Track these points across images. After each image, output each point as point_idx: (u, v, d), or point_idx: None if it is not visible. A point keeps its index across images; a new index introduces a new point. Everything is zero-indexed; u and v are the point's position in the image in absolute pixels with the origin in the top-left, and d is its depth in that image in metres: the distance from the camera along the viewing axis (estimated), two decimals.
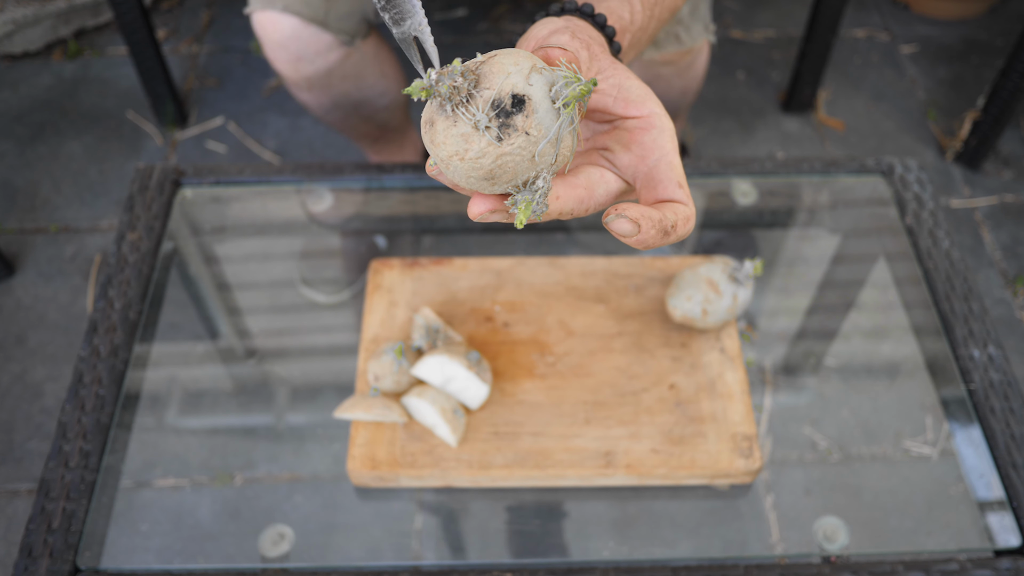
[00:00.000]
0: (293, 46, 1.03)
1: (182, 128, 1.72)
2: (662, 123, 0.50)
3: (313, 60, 1.04)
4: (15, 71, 1.83)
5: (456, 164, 0.43)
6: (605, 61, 0.51)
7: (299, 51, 1.03)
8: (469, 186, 0.45)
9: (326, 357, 0.95)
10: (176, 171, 0.97)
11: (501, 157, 0.42)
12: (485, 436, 0.78)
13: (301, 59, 1.04)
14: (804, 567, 0.71)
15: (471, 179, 0.43)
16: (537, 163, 0.43)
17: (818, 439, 0.87)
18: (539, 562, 0.74)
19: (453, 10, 1.96)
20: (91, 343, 0.82)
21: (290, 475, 0.84)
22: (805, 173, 0.99)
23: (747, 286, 0.82)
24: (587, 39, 0.51)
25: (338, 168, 0.98)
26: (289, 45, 1.03)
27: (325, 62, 1.05)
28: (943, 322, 0.86)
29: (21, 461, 1.27)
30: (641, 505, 0.80)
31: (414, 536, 0.79)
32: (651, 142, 0.50)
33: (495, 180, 0.43)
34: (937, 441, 0.87)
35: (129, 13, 1.50)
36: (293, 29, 1.01)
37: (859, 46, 1.89)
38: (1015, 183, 1.65)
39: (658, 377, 0.82)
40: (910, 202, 0.95)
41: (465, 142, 0.42)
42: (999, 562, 0.71)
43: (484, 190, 0.45)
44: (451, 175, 0.44)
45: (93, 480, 0.75)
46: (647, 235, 0.48)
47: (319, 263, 1.06)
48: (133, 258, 0.89)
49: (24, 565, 0.70)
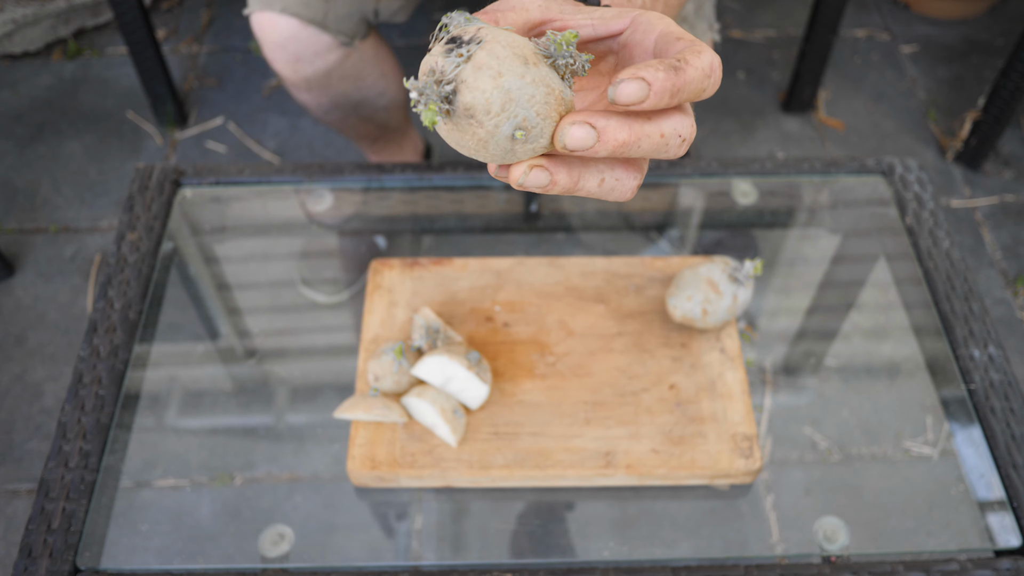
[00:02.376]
0: (292, 47, 1.03)
1: (182, 128, 1.72)
2: (647, 18, 0.45)
3: (312, 61, 1.05)
4: (15, 71, 1.83)
5: (485, 152, 0.39)
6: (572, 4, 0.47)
7: (298, 52, 1.03)
8: (514, 157, 0.40)
9: (326, 357, 0.95)
10: (176, 171, 0.97)
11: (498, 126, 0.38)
12: (485, 436, 0.78)
13: (300, 60, 1.04)
14: (804, 567, 0.71)
15: (506, 152, 0.39)
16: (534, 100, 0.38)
17: (818, 439, 0.87)
18: (539, 562, 0.74)
19: (453, 10, 1.96)
20: (91, 343, 0.82)
21: (290, 475, 0.84)
22: (805, 173, 0.99)
23: (747, 286, 0.82)
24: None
25: (338, 168, 0.98)
26: (288, 46, 1.03)
27: (324, 63, 1.05)
28: (943, 322, 0.86)
29: (21, 461, 1.27)
30: (641, 505, 0.80)
31: (414, 536, 0.79)
32: (641, 35, 0.45)
33: (524, 138, 0.39)
34: (937, 441, 0.87)
35: (129, 13, 1.50)
36: (292, 30, 1.01)
37: (859, 46, 1.89)
38: (1015, 183, 1.65)
39: (658, 377, 0.82)
40: (910, 202, 0.95)
41: (471, 136, 0.39)
42: (999, 562, 0.71)
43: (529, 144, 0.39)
44: (495, 160, 0.40)
45: (93, 480, 0.75)
46: (658, 85, 0.39)
47: (319, 263, 1.06)
48: (133, 258, 0.89)
49: (24, 565, 0.70)
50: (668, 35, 0.43)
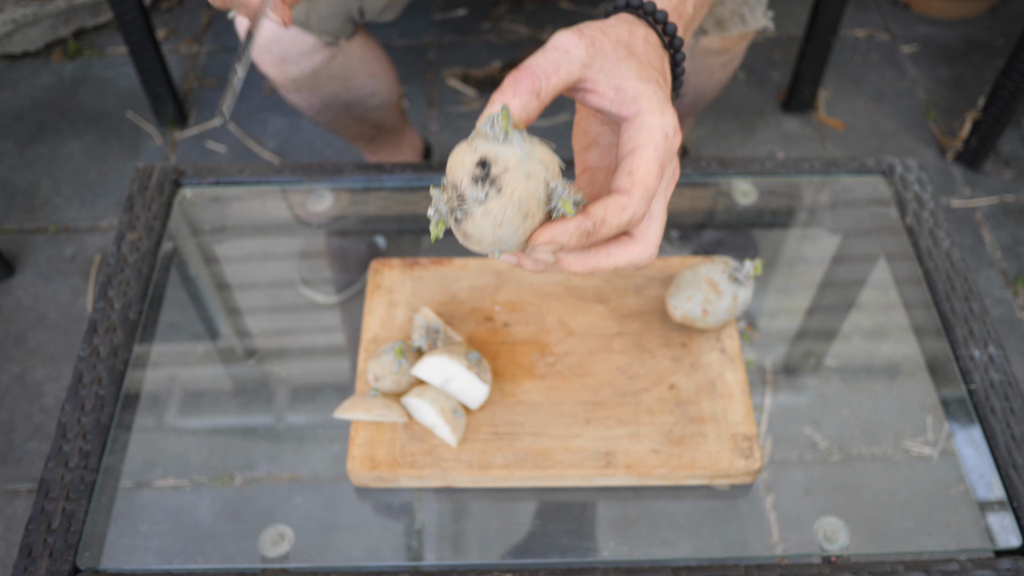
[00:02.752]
0: (276, 48, 1.02)
1: (182, 128, 1.72)
2: (644, 120, 0.50)
3: (297, 62, 1.04)
4: (15, 71, 1.83)
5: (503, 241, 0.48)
6: (610, 59, 0.52)
7: (282, 53, 1.03)
8: (521, 240, 0.49)
9: (326, 357, 0.95)
10: (176, 171, 0.97)
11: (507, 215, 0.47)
12: (485, 436, 0.78)
13: (285, 61, 1.04)
14: (804, 567, 0.71)
15: (516, 238, 0.48)
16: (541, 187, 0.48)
17: (818, 439, 0.87)
18: (539, 562, 0.74)
19: (453, 10, 1.96)
20: (91, 343, 0.82)
21: (290, 475, 0.84)
22: (805, 173, 0.99)
23: (747, 286, 0.82)
24: (597, 35, 0.52)
25: (338, 168, 0.98)
26: (272, 48, 1.02)
27: (310, 63, 1.04)
28: (943, 322, 0.86)
29: (21, 461, 1.27)
30: (641, 505, 0.80)
31: (414, 536, 0.79)
32: (628, 138, 0.50)
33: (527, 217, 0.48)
34: (937, 441, 0.87)
35: (129, 13, 1.50)
36: (274, 31, 1.00)
37: (859, 46, 1.89)
38: (1015, 183, 1.65)
39: (658, 377, 0.82)
40: (910, 202, 0.95)
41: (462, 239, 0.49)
42: (999, 562, 0.71)
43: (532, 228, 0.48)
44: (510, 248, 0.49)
45: (93, 480, 0.75)
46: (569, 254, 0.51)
47: (319, 263, 1.06)
48: (133, 258, 0.89)
49: (24, 565, 0.70)
50: (625, 165, 0.50)
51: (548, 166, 0.48)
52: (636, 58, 0.54)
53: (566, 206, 0.48)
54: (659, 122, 0.50)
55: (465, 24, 1.94)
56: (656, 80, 0.53)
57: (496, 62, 1.85)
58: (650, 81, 0.52)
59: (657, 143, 0.50)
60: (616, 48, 0.53)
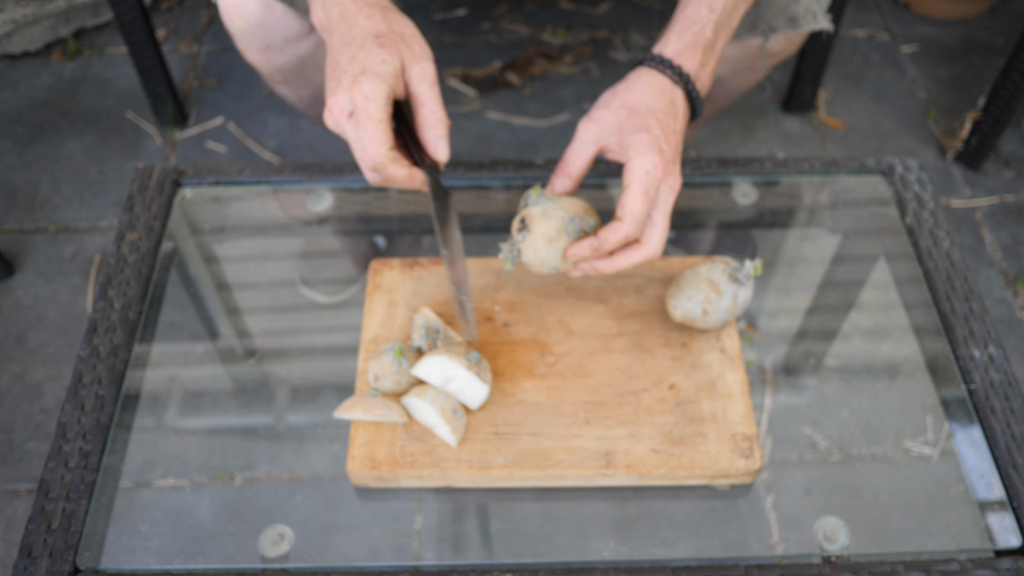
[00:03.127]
0: (260, 34, 1.00)
1: (182, 128, 1.72)
2: (631, 164, 0.73)
3: (283, 48, 1.02)
4: (15, 71, 1.83)
5: (544, 261, 0.77)
6: (613, 127, 0.75)
7: (267, 39, 1.00)
8: (557, 257, 0.77)
9: (326, 357, 0.95)
10: (176, 171, 0.97)
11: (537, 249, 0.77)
12: (485, 436, 0.78)
13: (270, 47, 1.01)
14: (804, 567, 0.71)
15: (552, 256, 0.77)
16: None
17: (818, 439, 0.87)
18: (539, 562, 0.74)
19: (453, 10, 1.96)
20: (91, 343, 0.82)
21: (290, 475, 0.84)
22: (805, 173, 0.99)
23: (747, 286, 0.82)
24: (602, 114, 0.75)
25: (338, 168, 0.98)
26: (256, 32, 1.00)
27: (296, 51, 1.03)
28: (943, 322, 0.86)
29: (21, 461, 1.27)
30: (641, 505, 0.80)
31: (414, 536, 0.79)
32: (624, 177, 0.74)
33: (551, 242, 0.76)
34: (937, 441, 0.87)
35: (129, 13, 1.50)
36: (257, 14, 0.98)
37: (859, 46, 1.89)
38: (1015, 183, 1.65)
39: (658, 377, 0.82)
40: (910, 202, 0.95)
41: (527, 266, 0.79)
42: (999, 562, 0.71)
43: (561, 248, 0.77)
44: (554, 263, 0.77)
45: (93, 480, 0.75)
46: (598, 263, 0.76)
47: (319, 263, 1.06)
48: (133, 258, 0.89)
49: (24, 565, 0.70)
50: (620, 199, 0.73)
51: (568, 210, 0.76)
52: (636, 113, 0.74)
53: (571, 227, 0.75)
54: (641, 164, 0.72)
55: (465, 24, 1.94)
56: (647, 127, 0.73)
57: (496, 62, 1.85)
58: (640, 131, 0.73)
59: (640, 180, 0.72)
60: (618, 114, 0.75)
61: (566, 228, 0.75)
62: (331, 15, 0.74)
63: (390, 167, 0.70)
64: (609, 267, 0.76)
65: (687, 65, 0.78)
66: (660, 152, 0.73)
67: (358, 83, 0.69)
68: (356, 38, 0.71)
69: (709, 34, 0.79)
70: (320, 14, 0.76)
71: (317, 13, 0.76)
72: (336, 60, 0.72)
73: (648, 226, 0.74)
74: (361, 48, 0.70)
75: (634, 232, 0.73)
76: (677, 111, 0.77)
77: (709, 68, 0.80)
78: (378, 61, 0.69)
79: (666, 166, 0.73)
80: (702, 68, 0.79)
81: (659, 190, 0.74)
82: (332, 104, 0.70)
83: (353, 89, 0.69)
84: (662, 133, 0.74)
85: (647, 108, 0.75)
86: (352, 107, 0.69)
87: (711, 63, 0.80)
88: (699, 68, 0.78)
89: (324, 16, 0.75)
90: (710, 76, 0.81)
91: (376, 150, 0.69)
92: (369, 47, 0.70)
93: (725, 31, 0.81)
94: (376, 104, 0.68)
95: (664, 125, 0.75)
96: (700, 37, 0.79)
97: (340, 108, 0.70)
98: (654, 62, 0.78)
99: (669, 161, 0.74)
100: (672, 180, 0.74)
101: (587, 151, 0.75)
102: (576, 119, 1.75)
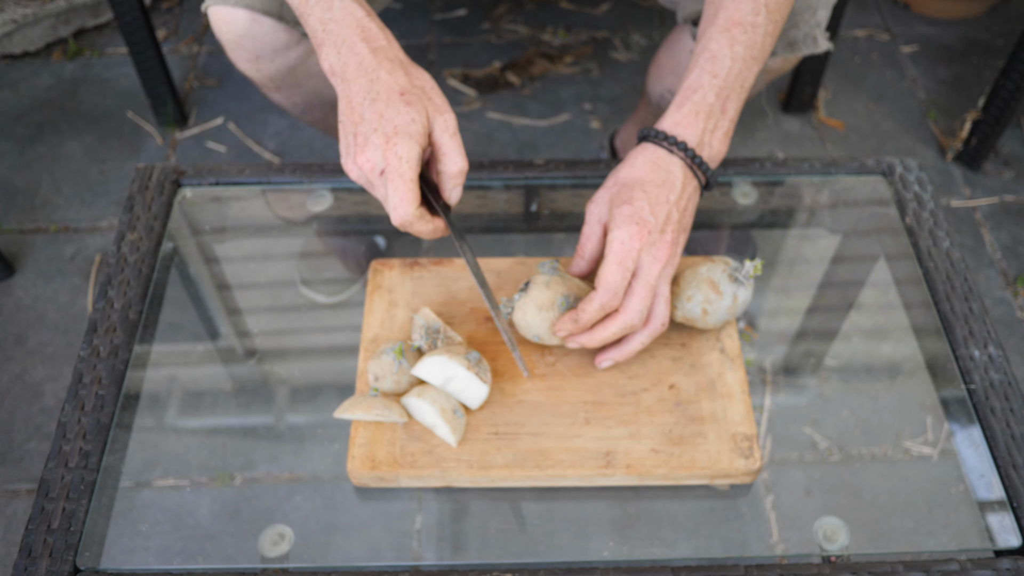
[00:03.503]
0: (249, 44, 1.00)
1: (182, 128, 1.72)
2: (609, 237, 0.75)
3: (272, 58, 1.02)
4: (15, 71, 1.83)
5: (531, 327, 0.80)
6: (609, 204, 0.77)
7: (256, 49, 1.00)
8: (545, 327, 0.79)
9: (326, 357, 0.95)
10: (176, 171, 0.97)
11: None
12: (485, 436, 0.78)
13: (260, 57, 1.01)
14: (804, 567, 0.71)
15: (540, 324, 0.79)
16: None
17: (818, 439, 0.87)
18: (539, 562, 0.74)
19: (453, 10, 1.96)
20: (91, 343, 0.83)
21: (290, 475, 0.84)
22: (805, 173, 0.99)
23: (747, 286, 0.82)
24: (603, 194, 0.78)
25: (338, 168, 0.98)
26: (245, 43, 1.00)
27: (286, 60, 1.02)
28: (943, 322, 0.86)
29: (21, 461, 1.27)
30: (641, 505, 0.80)
31: (414, 536, 0.79)
32: (605, 248, 0.76)
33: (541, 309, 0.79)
34: (937, 441, 0.87)
35: (129, 13, 1.50)
36: (247, 25, 0.97)
37: (859, 46, 1.89)
38: (1015, 183, 1.65)
39: (658, 377, 0.82)
40: (910, 202, 0.95)
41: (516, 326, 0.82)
42: (999, 562, 0.71)
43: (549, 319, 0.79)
44: (542, 333, 0.79)
45: (93, 480, 0.75)
46: (579, 336, 0.77)
47: (319, 263, 1.06)
48: (133, 258, 0.89)
49: (24, 565, 0.70)
50: (599, 269, 0.75)
51: (570, 287, 0.78)
52: (625, 187, 0.76)
53: (562, 303, 0.77)
54: (617, 235, 0.74)
55: (465, 24, 1.94)
56: (630, 199, 0.75)
57: (496, 62, 1.85)
58: (623, 204, 0.75)
59: (615, 250, 0.74)
60: (611, 190, 0.78)
61: (558, 302, 0.77)
62: (347, 64, 0.74)
63: (416, 224, 0.74)
64: (591, 340, 0.76)
65: (684, 134, 0.78)
66: (639, 223, 0.74)
67: (392, 144, 0.71)
68: (381, 94, 0.72)
69: (712, 99, 0.78)
70: (334, 60, 0.75)
71: (330, 59, 0.76)
72: (360, 114, 0.73)
73: (627, 295, 0.75)
74: (388, 105, 0.72)
75: (608, 301, 0.74)
76: (673, 181, 0.77)
77: (722, 130, 0.79)
78: (408, 120, 0.71)
79: (646, 236, 0.74)
80: (709, 133, 0.78)
81: (638, 260, 0.74)
82: (363, 161, 0.72)
83: (387, 149, 0.71)
84: (647, 204, 0.75)
85: (635, 181, 0.76)
86: (385, 165, 0.71)
87: (724, 124, 0.79)
88: (704, 134, 0.78)
89: (339, 64, 0.75)
90: (725, 137, 0.80)
91: (405, 209, 0.72)
92: (396, 105, 0.72)
93: (736, 91, 0.80)
94: (409, 165, 0.71)
95: (653, 196, 0.75)
96: (701, 105, 0.78)
97: (372, 166, 0.72)
98: (652, 136, 0.79)
99: (652, 231, 0.74)
100: (656, 250, 0.75)
101: (594, 232, 0.78)
102: (576, 119, 1.75)
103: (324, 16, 0.76)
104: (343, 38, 0.75)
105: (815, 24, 1.03)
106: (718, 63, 0.79)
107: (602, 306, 0.74)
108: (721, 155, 0.80)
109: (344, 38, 0.75)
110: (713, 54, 0.79)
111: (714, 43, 0.80)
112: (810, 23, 1.03)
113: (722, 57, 0.79)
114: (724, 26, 0.80)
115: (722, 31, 0.80)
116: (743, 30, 0.80)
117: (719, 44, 0.79)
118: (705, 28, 0.81)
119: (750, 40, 0.80)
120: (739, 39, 0.79)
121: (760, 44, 0.81)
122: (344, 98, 0.75)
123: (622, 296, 0.75)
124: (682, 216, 0.77)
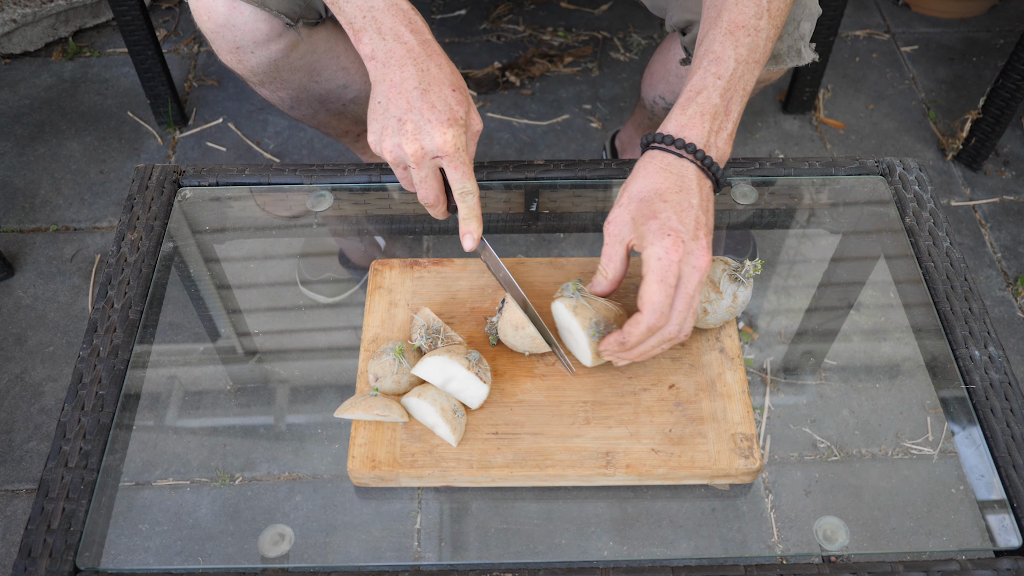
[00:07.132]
0: (229, 35, 0.98)
1: (182, 128, 1.72)
2: (645, 255, 0.73)
3: (253, 50, 1.00)
4: (15, 71, 1.83)
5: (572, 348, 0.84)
6: (631, 224, 0.76)
7: (236, 40, 0.98)
8: (585, 347, 0.80)
9: (326, 357, 0.95)
10: (176, 171, 0.97)
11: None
12: (485, 436, 0.78)
13: (240, 49, 0.99)
14: (804, 567, 0.71)
15: (578, 345, 0.81)
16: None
17: (818, 439, 0.87)
18: (539, 562, 0.74)
19: (453, 10, 1.96)
20: (91, 343, 0.83)
21: (290, 475, 0.84)
22: (805, 173, 0.99)
23: (747, 286, 0.82)
24: (620, 213, 0.76)
25: (338, 168, 0.98)
26: (225, 33, 0.97)
27: (267, 53, 1.00)
28: (943, 322, 0.86)
29: (21, 461, 1.27)
30: (641, 505, 0.80)
31: (414, 536, 0.79)
32: (642, 267, 0.74)
33: (571, 333, 0.82)
34: (937, 441, 0.87)
35: (129, 13, 1.50)
36: (226, 14, 0.95)
37: (859, 46, 1.89)
38: (1015, 183, 1.65)
39: (658, 377, 0.82)
40: (910, 202, 0.95)
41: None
42: (999, 562, 0.71)
43: (582, 341, 0.80)
44: (584, 351, 0.81)
45: (93, 480, 0.75)
46: (624, 355, 0.77)
47: (319, 263, 1.06)
48: (133, 258, 0.89)
49: (24, 565, 0.70)
50: (639, 291, 0.74)
51: (596, 308, 0.79)
52: (644, 202, 0.75)
53: (594, 332, 0.78)
54: (653, 252, 0.73)
55: (465, 24, 1.94)
56: (655, 213, 0.74)
57: (496, 62, 1.85)
58: (648, 219, 0.74)
59: (654, 268, 0.72)
60: (629, 208, 0.76)
61: (589, 331, 0.78)
62: (391, 52, 0.78)
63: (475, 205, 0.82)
64: (635, 357, 0.77)
65: (691, 136, 0.77)
66: (671, 234, 0.72)
67: (446, 132, 0.76)
68: (432, 85, 0.77)
69: (716, 100, 0.78)
70: (377, 46, 0.78)
71: (373, 43, 0.78)
72: (407, 101, 0.76)
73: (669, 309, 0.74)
74: (439, 97, 0.77)
75: (655, 321, 0.73)
76: (690, 184, 0.76)
77: (726, 132, 0.79)
78: (463, 113, 0.77)
79: (681, 246, 0.72)
80: (715, 134, 0.78)
81: (679, 272, 0.73)
82: (410, 147, 0.76)
83: (443, 137, 0.76)
84: (673, 214, 0.74)
85: (653, 193, 0.75)
86: (440, 151, 0.76)
87: (727, 126, 0.79)
88: (710, 135, 0.77)
89: (382, 50, 0.78)
90: (729, 139, 0.79)
91: (470, 184, 0.79)
92: (448, 98, 0.77)
93: (738, 93, 0.79)
94: (465, 151, 0.78)
95: (676, 204, 0.74)
96: (706, 106, 0.78)
97: (422, 153, 0.77)
98: (658, 142, 0.78)
99: (686, 240, 0.73)
100: (694, 258, 0.73)
101: (616, 252, 0.77)
102: (576, 119, 1.75)
103: (365, 5, 0.78)
104: (388, 26, 0.78)
105: (799, 37, 1.03)
106: (722, 65, 0.79)
107: (649, 328, 0.73)
108: (726, 156, 0.80)
109: (390, 26, 0.78)
110: (716, 56, 0.79)
111: (717, 45, 0.79)
112: (793, 36, 1.03)
113: (726, 59, 0.79)
114: (728, 28, 0.80)
115: (726, 33, 0.79)
116: (746, 33, 0.80)
117: (722, 46, 0.79)
118: (707, 30, 0.81)
119: (753, 43, 0.80)
120: (742, 41, 0.79)
121: (762, 48, 0.80)
122: (386, 82, 0.77)
123: (668, 314, 0.74)
124: (708, 218, 0.76)
